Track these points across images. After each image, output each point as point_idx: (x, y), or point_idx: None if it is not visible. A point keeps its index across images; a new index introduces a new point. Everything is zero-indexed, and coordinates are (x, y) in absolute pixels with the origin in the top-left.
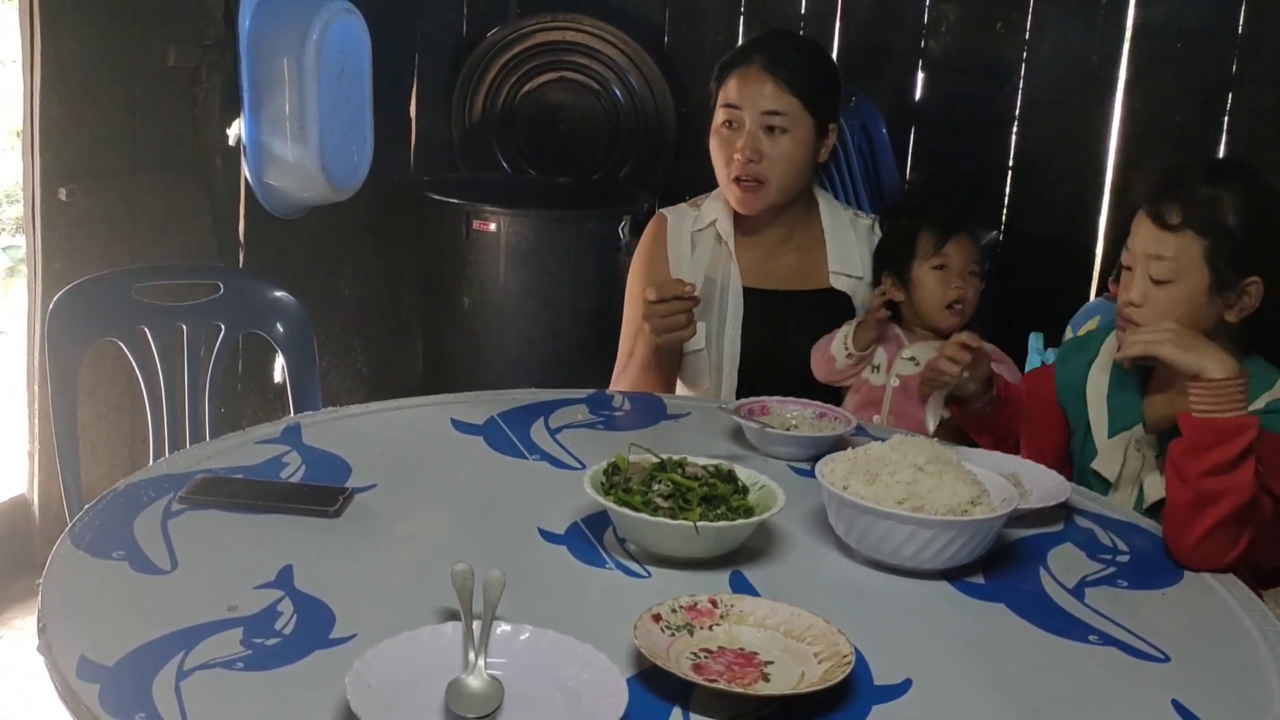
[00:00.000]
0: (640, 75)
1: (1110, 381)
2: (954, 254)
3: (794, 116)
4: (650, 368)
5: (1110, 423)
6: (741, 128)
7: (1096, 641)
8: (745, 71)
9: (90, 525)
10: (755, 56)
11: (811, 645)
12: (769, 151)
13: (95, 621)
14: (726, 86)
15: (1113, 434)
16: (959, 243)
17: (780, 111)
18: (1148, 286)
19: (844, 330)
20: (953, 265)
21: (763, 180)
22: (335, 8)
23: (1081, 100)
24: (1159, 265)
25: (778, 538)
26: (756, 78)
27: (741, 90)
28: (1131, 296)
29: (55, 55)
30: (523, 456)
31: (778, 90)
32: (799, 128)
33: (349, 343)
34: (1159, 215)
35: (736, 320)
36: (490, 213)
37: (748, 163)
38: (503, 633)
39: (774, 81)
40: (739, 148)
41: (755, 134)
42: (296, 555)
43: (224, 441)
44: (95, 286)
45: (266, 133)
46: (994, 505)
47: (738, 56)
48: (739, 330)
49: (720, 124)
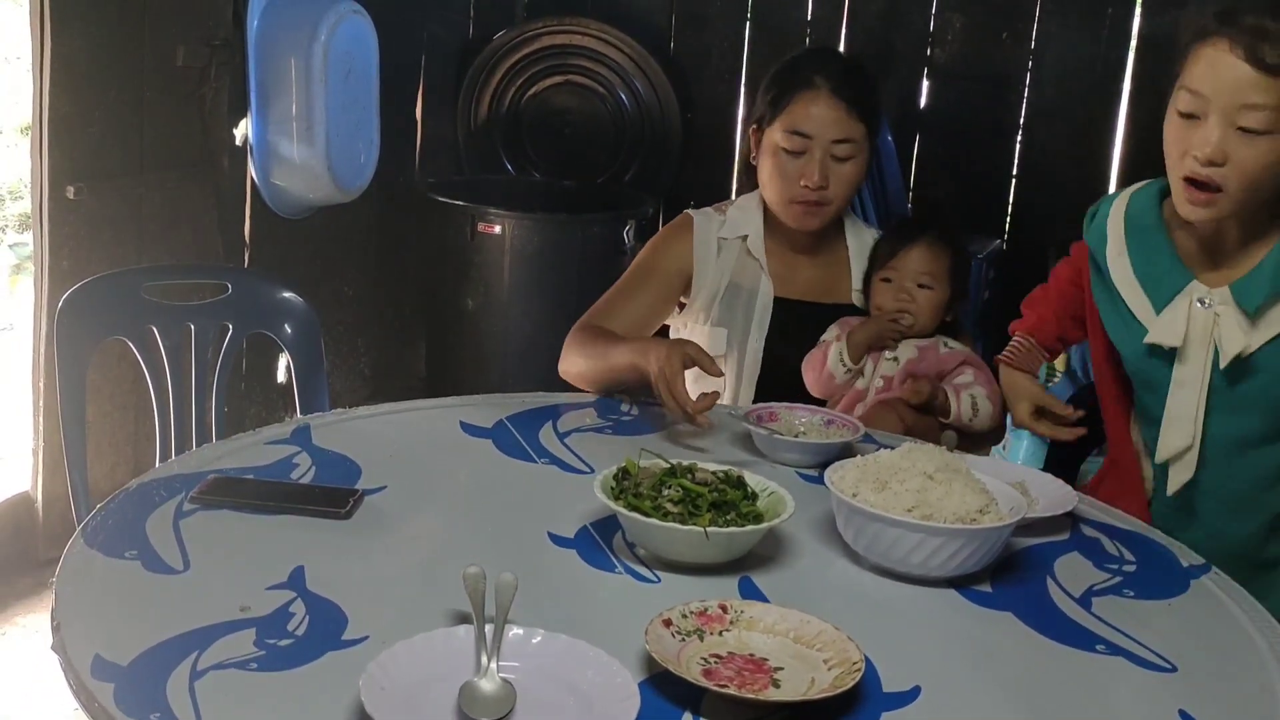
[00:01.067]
0: (646, 79)
1: (1132, 261)
2: (901, 266)
3: (860, 142)
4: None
5: (1153, 295)
6: (808, 154)
7: (1104, 651)
8: (812, 97)
9: (103, 524)
10: (819, 80)
11: (821, 652)
12: (835, 176)
13: (109, 621)
14: (790, 112)
15: (1161, 305)
16: (908, 255)
17: (851, 139)
18: (1230, 140)
19: (836, 347)
20: (899, 277)
21: (826, 202)
22: (343, 9)
23: (1086, 110)
24: (1253, 115)
25: (786, 544)
26: (827, 104)
27: (811, 118)
28: (1209, 152)
29: (65, 53)
30: (531, 460)
31: (848, 118)
32: (863, 151)
33: (352, 343)
34: (1256, 54)
35: (762, 330)
36: (495, 215)
37: (817, 189)
38: (515, 636)
39: (844, 109)
40: (809, 176)
41: (825, 162)
42: (308, 556)
43: (234, 442)
44: (105, 285)
45: (273, 133)
46: (1002, 514)
47: (797, 79)
48: (762, 342)
49: (782, 147)
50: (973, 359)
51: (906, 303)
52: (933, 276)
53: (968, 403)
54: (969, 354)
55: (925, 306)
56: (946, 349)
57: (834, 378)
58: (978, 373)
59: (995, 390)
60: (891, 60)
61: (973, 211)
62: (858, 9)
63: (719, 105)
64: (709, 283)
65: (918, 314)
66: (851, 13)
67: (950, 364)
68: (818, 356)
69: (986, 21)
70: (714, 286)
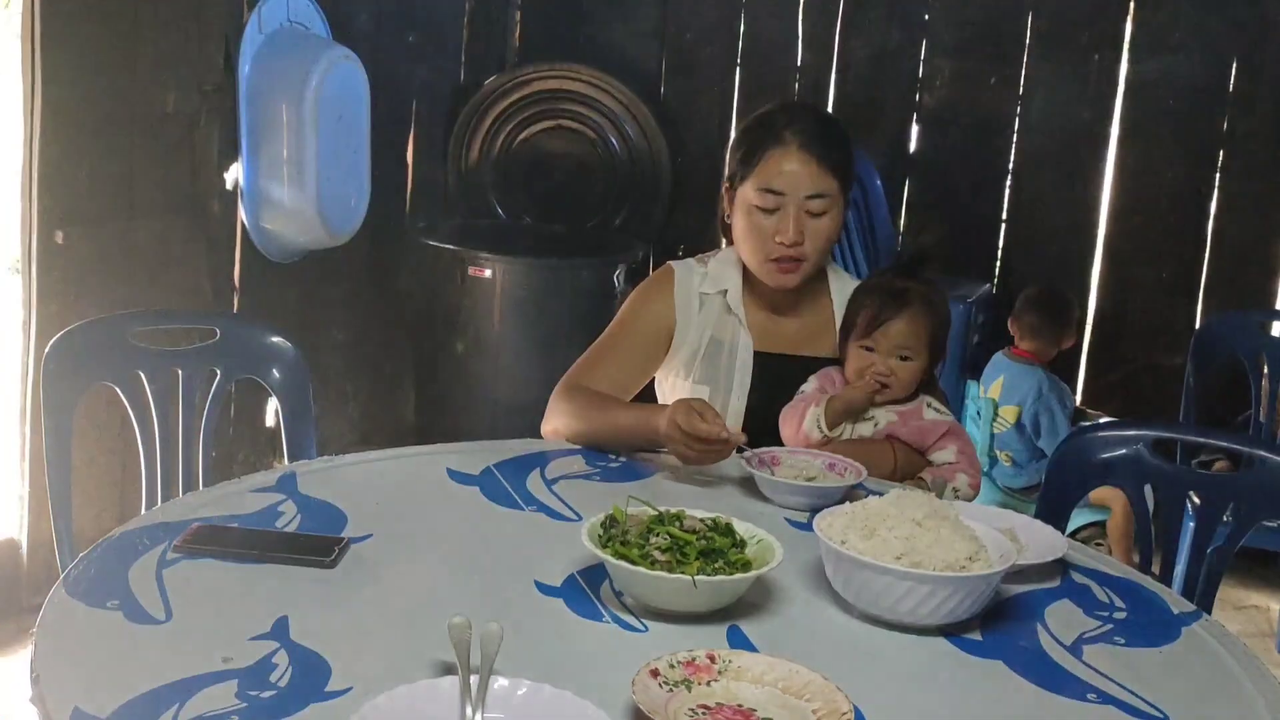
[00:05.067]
0: (636, 124)
1: None
2: (881, 340)
3: (833, 197)
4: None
5: None
6: (781, 211)
7: (1095, 700)
8: (783, 153)
9: (84, 573)
10: (788, 136)
11: (810, 702)
12: (810, 232)
13: (89, 672)
14: (763, 169)
15: None
16: (889, 329)
17: (824, 194)
18: None
19: (814, 412)
20: (879, 349)
21: (802, 259)
22: (335, 55)
23: (1074, 155)
24: None
25: (775, 592)
26: (798, 160)
27: (782, 175)
28: None
29: (55, 98)
30: (519, 507)
31: (820, 172)
32: (836, 205)
33: (341, 388)
34: None
35: (744, 387)
36: (485, 259)
37: (792, 245)
38: (500, 687)
39: (816, 164)
40: (784, 232)
41: (800, 218)
42: (292, 606)
43: (219, 490)
44: (92, 330)
45: (264, 177)
46: (991, 561)
47: (767, 136)
48: (744, 400)
49: (754, 205)
50: (955, 429)
51: (885, 376)
52: (913, 350)
53: (948, 495)
54: (952, 423)
55: (904, 378)
56: (931, 413)
57: (809, 438)
58: (959, 451)
59: (976, 465)
60: (881, 106)
61: (962, 255)
62: (847, 55)
63: (709, 150)
64: (690, 339)
65: (897, 386)
66: (841, 59)
67: (932, 436)
68: (796, 412)
69: (975, 67)
70: (695, 342)
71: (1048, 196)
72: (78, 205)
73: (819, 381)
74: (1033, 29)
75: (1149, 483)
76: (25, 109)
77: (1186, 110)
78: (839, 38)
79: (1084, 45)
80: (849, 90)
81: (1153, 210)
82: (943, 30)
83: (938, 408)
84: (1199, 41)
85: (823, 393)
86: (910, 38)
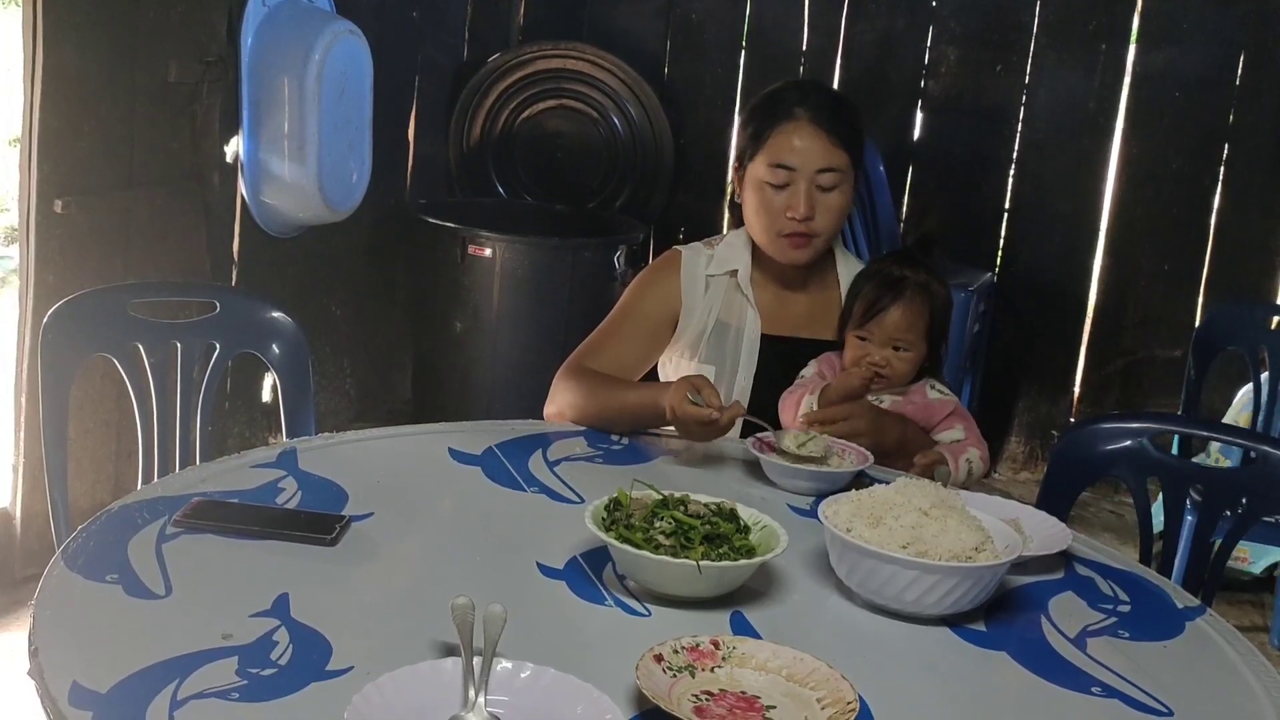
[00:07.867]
0: (639, 105)
1: None
2: (876, 330)
3: (844, 171)
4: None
5: None
6: (792, 186)
7: (1099, 693)
8: (794, 128)
9: (84, 547)
10: (799, 111)
11: (815, 690)
12: (821, 206)
13: (88, 646)
14: (773, 144)
15: None
16: (884, 319)
17: (835, 168)
18: None
19: (809, 400)
20: (874, 339)
21: (813, 234)
22: (338, 29)
23: (1079, 145)
24: None
25: (779, 579)
26: (809, 135)
27: (794, 149)
28: None
29: (56, 67)
30: (521, 489)
31: (831, 147)
32: (847, 180)
33: (338, 364)
34: None
35: (750, 369)
36: (486, 238)
37: (803, 220)
38: (503, 669)
39: (827, 138)
40: (795, 207)
41: (811, 192)
42: (293, 584)
43: (219, 465)
44: (91, 301)
45: (265, 151)
46: (998, 552)
47: (777, 111)
48: (750, 380)
49: (765, 181)
50: (959, 410)
51: (881, 367)
52: (909, 341)
53: (964, 470)
54: (956, 404)
55: (900, 369)
56: (935, 394)
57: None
58: (967, 429)
59: (984, 444)
60: (886, 92)
61: (964, 244)
62: (853, 40)
63: (712, 132)
64: (696, 320)
65: (893, 376)
66: (846, 44)
67: (939, 414)
68: (794, 397)
69: (981, 55)
70: (702, 324)
71: (1051, 186)
72: (77, 175)
73: (818, 367)
74: (1040, 18)
75: (1151, 476)
76: (26, 76)
77: (1192, 102)
78: (845, 22)
79: (1091, 35)
80: (854, 75)
81: (1156, 202)
82: (949, 17)
83: (941, 389)
84: (1206, 33)
85: (820, 378)
86: (916, 24)
